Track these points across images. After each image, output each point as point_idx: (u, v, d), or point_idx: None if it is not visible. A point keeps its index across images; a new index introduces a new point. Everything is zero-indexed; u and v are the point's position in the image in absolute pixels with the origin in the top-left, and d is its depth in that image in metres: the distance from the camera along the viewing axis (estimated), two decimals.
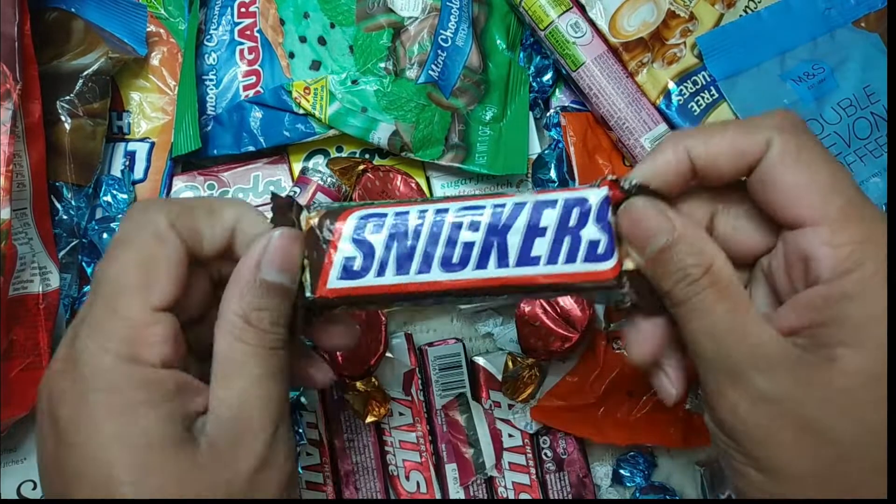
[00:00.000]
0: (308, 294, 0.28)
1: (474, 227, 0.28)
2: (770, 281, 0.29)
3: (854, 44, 0.49)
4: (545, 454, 0.51)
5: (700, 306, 0.26)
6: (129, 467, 0.24)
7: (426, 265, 0.28)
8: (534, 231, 0.28)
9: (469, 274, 0.28)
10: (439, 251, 0.28)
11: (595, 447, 0.51)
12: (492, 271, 0.28)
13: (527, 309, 0.46)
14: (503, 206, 0.28)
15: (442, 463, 0.49)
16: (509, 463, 0.50)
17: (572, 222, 0.28)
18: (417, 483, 0.48)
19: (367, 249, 0.28)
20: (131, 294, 0.26)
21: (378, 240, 0.28)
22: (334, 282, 0.28)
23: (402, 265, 0.28)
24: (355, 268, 0.28)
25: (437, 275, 0.28)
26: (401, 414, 0.49)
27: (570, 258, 0.28)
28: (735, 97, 0.48)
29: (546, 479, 0.50)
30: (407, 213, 0.28)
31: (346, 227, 0.28)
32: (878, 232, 0.25)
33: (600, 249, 0.28)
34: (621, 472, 0.50)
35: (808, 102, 0.48)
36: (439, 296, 0.28)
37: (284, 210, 0.28)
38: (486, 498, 0.49)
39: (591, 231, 0.28)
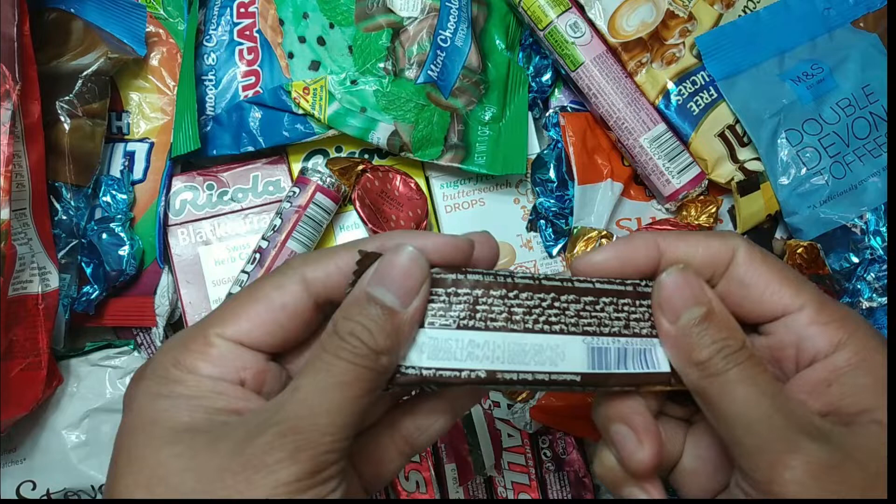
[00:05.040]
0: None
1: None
2: None
3: (853, 44, 0.49)
4: (544, 454, 0.51)
5: (745, 374, 0.26)
6: (140, 447, 0.25)
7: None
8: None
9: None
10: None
11: (594, 447, 0.51)
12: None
13: None
14: None
15: (441, 463, 0.49)
16: (508, 463, 0.50)
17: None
18: (417, 483, 0.48)
19: None
20: (215, 319, 0.27)
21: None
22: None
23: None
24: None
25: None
26: None
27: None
28: (734, 97, 0.48)
29: (545, 479, 0.50)
30: None
31: None
32: (848, 312, 0.27)
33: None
34: None
35: (807, 102, 0.48)
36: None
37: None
38: (485, 498, 0.49)
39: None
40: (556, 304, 0.27)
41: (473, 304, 0.27)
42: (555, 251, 0.50)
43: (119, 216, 0.46)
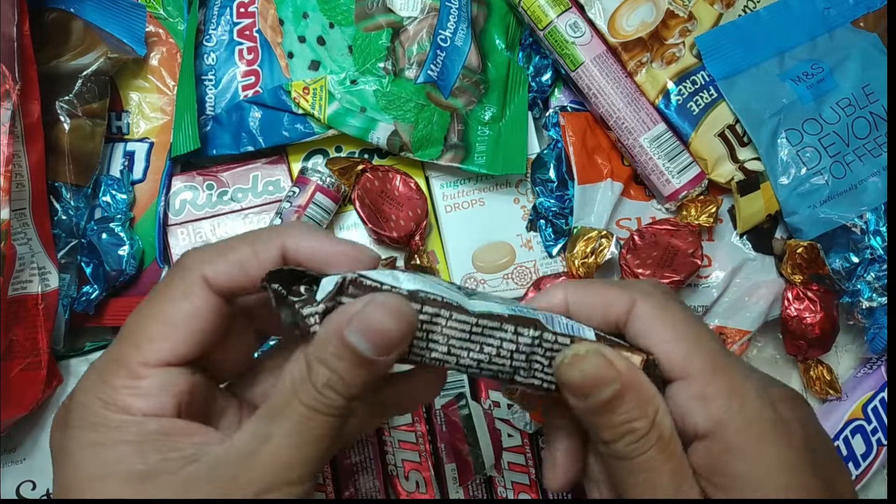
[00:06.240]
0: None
1: None
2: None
3: (853, 43, 0.49)
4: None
5: (646, 466, 0.25)
6: (90, 493, 0.24)
7: None
8: None
9: None
10: None
11: None
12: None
13: None
14: None
15: (441, 463, 0.49)
16: (508, 463, 0.50)
17: None
18: (417, 483, 0.48)
19: None
20: (133, 347, 0.25)
21: None
22: None
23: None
24: None
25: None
26: None
27: None
28: (734, 97, 0.48)
29: None
30: None
31: None
32: (741, 384, 0.26)
33: None
34: None
35: (807, 102, 0.48)
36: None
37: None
38: (485, 498, 0.49)
39: None
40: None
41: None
42: (555, 251, 0.50)
43: (119, 216, 0.46)
